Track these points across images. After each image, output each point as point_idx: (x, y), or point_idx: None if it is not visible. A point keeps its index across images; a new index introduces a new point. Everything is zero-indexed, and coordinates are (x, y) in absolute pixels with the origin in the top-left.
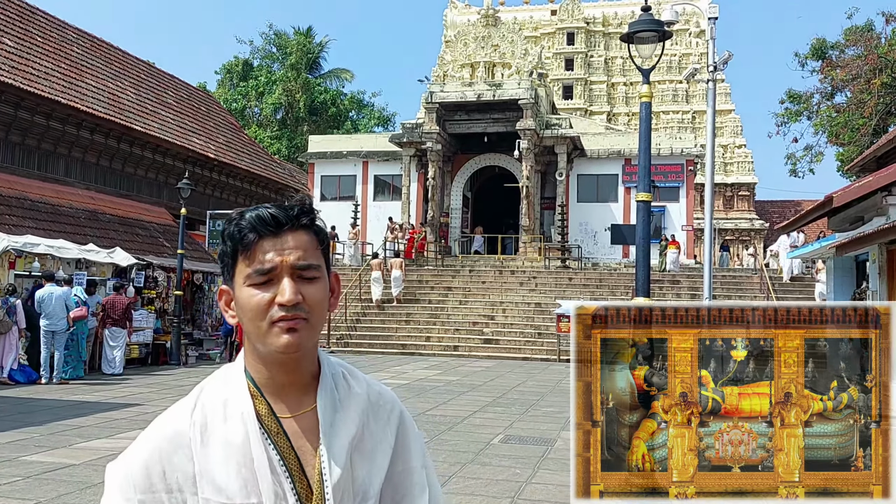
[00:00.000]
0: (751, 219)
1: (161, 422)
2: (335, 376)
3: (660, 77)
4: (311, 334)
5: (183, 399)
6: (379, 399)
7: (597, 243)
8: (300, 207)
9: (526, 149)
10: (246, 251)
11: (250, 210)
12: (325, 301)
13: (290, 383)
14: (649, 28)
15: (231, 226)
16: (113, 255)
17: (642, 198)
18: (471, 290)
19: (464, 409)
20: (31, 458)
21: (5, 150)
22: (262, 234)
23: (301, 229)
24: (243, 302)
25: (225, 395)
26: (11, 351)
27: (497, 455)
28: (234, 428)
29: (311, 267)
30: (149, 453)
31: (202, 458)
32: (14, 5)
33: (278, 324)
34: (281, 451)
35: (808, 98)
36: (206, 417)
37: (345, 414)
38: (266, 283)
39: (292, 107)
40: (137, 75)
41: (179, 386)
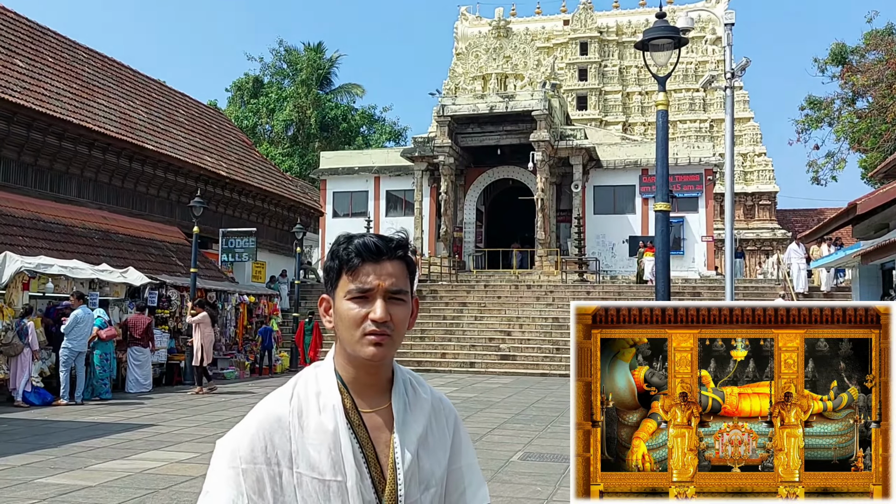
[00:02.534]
0: (773, 228)
1: (263, 406)
2: (405, 382)
3: (676, 85)
4: (393, 347)
5: (280, 388)
6: (440, 404)
7: (615, 256)
8: (398, 241)
9: (540, 161)
10: (351, 271)
11: (357, 237)
12: (406, 320)
13: (371, 384)
14: (664, 35)
15: (340, 248)
16: (126, 275)
17: (660, 208)
18: (486, 306)
19: (482, 426)
20: (46, 481)
21: (18, 170)
22: (366, 259)
23: (397, 259)
24: (342, 312)
25: (317, 389)
26: (24, 373)
27: (517, 472)
28: (327, 417)
29: (400, 291)
30: (254, 431)
31: (299, 439)
32: (25, 26)
33: (368, 336)
34: (360, 440)
35: (828, 104)
36: (301, 406)
37: (414, 414)
38: (363, 300)
39: (303, 123)
40: (148, 94)
41: (194, 406)
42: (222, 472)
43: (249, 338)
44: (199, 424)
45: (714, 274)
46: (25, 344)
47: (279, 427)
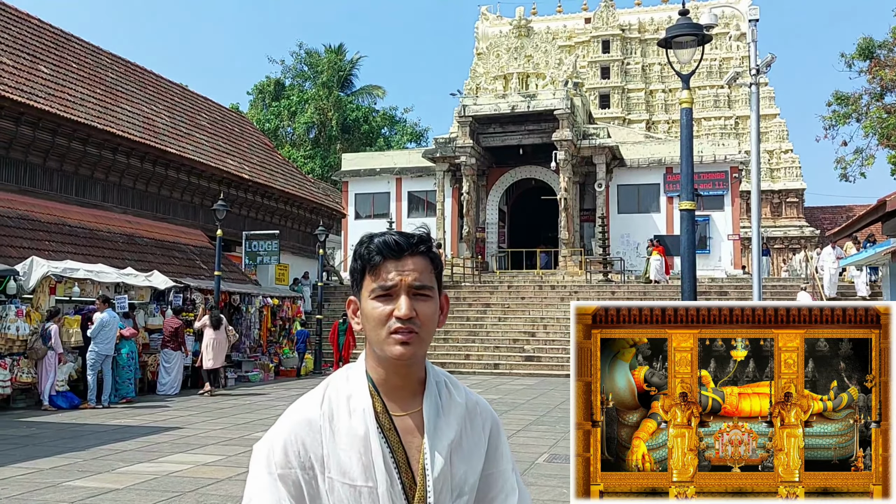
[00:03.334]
0: (800, 226)
1: (295, 409)
2: (439, 384)
3: (700, 82)
4: (422, 346)
5: (312, 391)
6: (476, 408)
7: (639, 255)
8: (419, 237)
9: (563, 160)
10: (373, 269)
11: (378, 235)
12: (435, 317)
13: (402, 386)
14: (687, 32)
15: (362, 247)
16: (151, 279)
17: (685, 206)
18: (510, 307)
19: (507, 428)
20: (74, 484)
21: (43, 175)
22: (387, 256)
23: (419, 255)
24: (367, 312)
25: (348, 392)
26: (49, 376)
27: (542, 475)
28: (357, 421)
29: (424, 287)
30: (287, 435)
31: (330, 443)
32: (49, 33)
33: (394, 335)
34: (391, 445)
35: (856, 99)
36: (332, 409)
37: (446, 418)
38: (387, 298)
39: (325, 125)
40: (171, 98)
41: (220, 409)
42: (261, 479)
43: (273, 340)
44: (225, 427)
45: (741, 273)
46: (49, 347)
47: (310, 431)
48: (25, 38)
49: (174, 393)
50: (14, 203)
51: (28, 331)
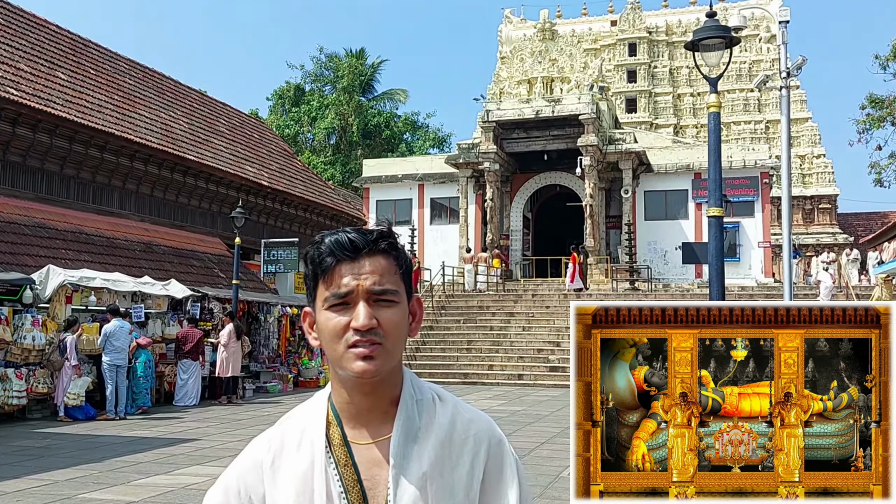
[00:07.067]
0: (833, 233)
1: (249, 446)
2: (419, 402)
3: (729, 86)
4: (388, 359)
5: (276, 423)
6: (467, 429)
7: (667, 263)
8: (379, 232)
9: (588, 166)
10: (325, 275)
11: (330, 234)
12: (402, 326)
13: (369, 408)
14: (715, 35)
15: (312, 249)
16: (168, 288)
17: (714, 213)
18: (534, 316)
19: (530, 440)
20: (89, 496)
21: (60, 183)
22: (340, 258)
23: (379, 254)
24: (322, 325)
25: (304, 423)
26: (62, 387)
27: (567, 489)
28: (302, 456)
29: (387, 292)
30: (230, 478)
31: (270, 483)
32: (67, 39)
33: (353, 348)
34: (345, 482)
35: (891, 102)
36: (283, 444)
37: (421, 444)
38: (343, 307)
39: (345, 131)
40: (189, 104)
41: (237, 420)
42: None
43: (292, 350)
44: (242, 439)
45: (772, 281)
46: (65, 359)
47: (253, 469)
48: (43, 44)
49: (193, 404)
50: (30, 211)
51: (44, 340)
